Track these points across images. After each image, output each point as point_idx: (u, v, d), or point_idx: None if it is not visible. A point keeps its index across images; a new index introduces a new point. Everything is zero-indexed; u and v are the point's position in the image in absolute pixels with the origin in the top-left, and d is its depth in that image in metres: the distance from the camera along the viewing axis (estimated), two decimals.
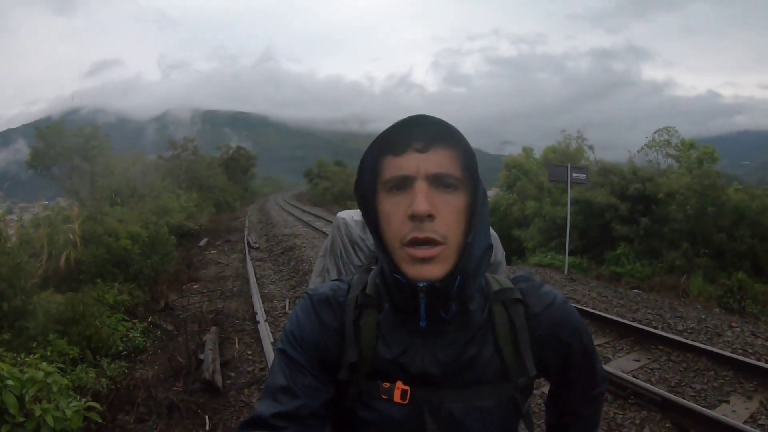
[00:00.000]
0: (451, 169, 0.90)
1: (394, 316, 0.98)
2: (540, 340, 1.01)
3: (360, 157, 0.94)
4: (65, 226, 8.78)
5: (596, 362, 1.14)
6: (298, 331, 1.00)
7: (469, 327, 0.97)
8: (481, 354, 0.97)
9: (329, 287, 1.06)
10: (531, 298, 1.03)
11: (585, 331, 1.07)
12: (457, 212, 0.91)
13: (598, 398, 1.20)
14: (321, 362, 0.98)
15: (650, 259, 12.39)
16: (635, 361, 5.88)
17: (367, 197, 0.99)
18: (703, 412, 4.29)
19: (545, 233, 17.37)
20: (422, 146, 0.90)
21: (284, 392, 0.94)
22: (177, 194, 20.43)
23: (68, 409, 3.38)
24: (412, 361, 0.96)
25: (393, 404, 0.95)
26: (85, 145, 18.62)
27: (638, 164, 16.46)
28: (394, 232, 0.91)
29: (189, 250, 15.72)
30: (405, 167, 0.90)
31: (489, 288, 1.03)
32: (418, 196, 0.87)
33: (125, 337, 6.61)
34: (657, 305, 8.62)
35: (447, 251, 0.89)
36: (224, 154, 47.86)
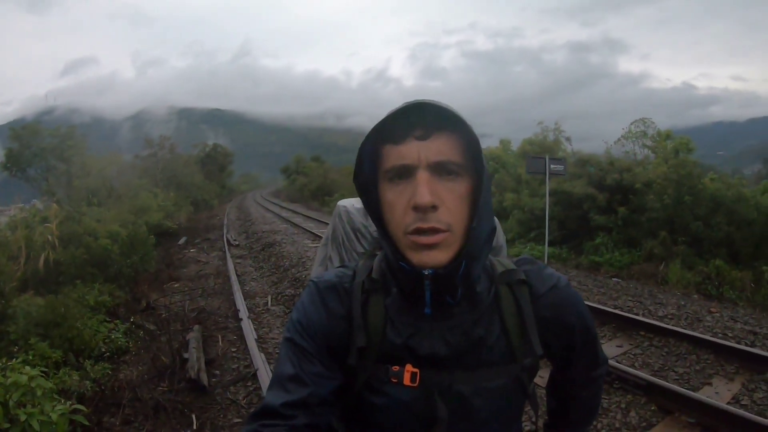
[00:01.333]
0: (453, 155, 0.89)
1: (402, 300, 0.99)
2: (544, 321, 1.02)
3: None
4: (43, 227, 8.63)
5: (597, 344, 1.16)
6: (305, 318, 1.00)
7: (476, 308, 0.98)
8: (488, 335, 0.98)
9: (334, 274, 1.07)
10: (535, 280, 1.04)
11: (587, 313, 1.09)
12: (461, 199, 0.90)
13: (599, 380, 1.22)
14: (329, 349, 0.99)
15: (629, 248, 12.56)
16: (618, 347, 5.97)
17: (367, 186, 0.98)
18: (687, 394, 4.38)
19: (524, 225, 17.48)
20: (422, 133, 0.89)
21: (293, 381, 0.94)
22: (154, 193, 20.24)
23: (54, 413, 3.33)
24: (420, 344, 0.96)
25: (403, 387, 0.95)
26: (60, 145, 18.38)
27: (615, 155, 16.68)
28: (398, 221, 0.90)
29: (168, 249, 15.59)
30: (406, 156, 0.89)
31: (494, 270, 1.04)
32: (421, 186, 0.86)
33: (108, 339, 6.52)
34: (637, 293, 8.78)
35: (451, 237, 0.89)
36: (201, 152, 47.41)
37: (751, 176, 31.99)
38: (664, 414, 4.34)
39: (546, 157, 12.86)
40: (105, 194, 16.79)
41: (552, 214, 13.92)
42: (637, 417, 4.32)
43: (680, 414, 4.28)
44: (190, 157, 39.75)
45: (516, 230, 18.07)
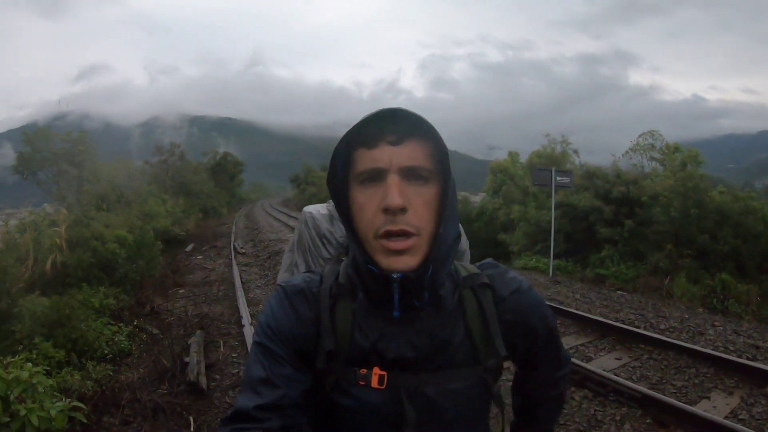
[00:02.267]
0: (423, 161, 0.92)
1: (369, 304, 1.01)
2: (508, 323, 1.05)
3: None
4: (51, 230, 8.75)
5: (560, 345, 1.19)
6: (273, 322, 1.01)
7: (440, 312, 1.01)
8: (453, 337, 1.00)
9: (302, 279, 1.08)
10: (498, 284, 1.07)
11: (550, 315, 1.12)
12: (429, 204, 0.93)
13: (563, 379, 1.25)
14: (298, 352, 1.00)
15: (634, 261, 12.50)
16: (617, 359, 5.95)
17: (339, 189, 1.00)
18: (682, 408, 4.37)
19: (530, 237, 17.45)
20: (395, 139, 0.91)
21: (264, 384, 0.95)
22: (163, 199, 20.32)
23: (53, 409, 3.39)
24: (388, 347, 0.98)
25: (371, 390, 0.97)
26: (72, 150, 18.52)
27: (623, 168, 16.61)
28: (368, 223, 0.93)
29: (175, 255, 15.68)
30: (378, 160, 0.91)
31: (458, 274, 1.07)
32: (392, 189, 0.89)
33: (111, 341, 6.61)
34: (640, 306, 8.72)
35: (420, 242, 0.92)
36: (211, 160, 47.58)
37: (762, 189, 31.63)
38: (659, 427, 4.32)
39: (552, 169, 12.84)
40: (114, 199, 16.89)
41: (558, 227, 13.88)
42: (631, 430, 4.31)
43: (675, 428, 4.26)
44: (200, 164, 39.91)
45: (522, 242, 18.02)
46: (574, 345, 6.47)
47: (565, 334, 6.95)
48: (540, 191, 17.81)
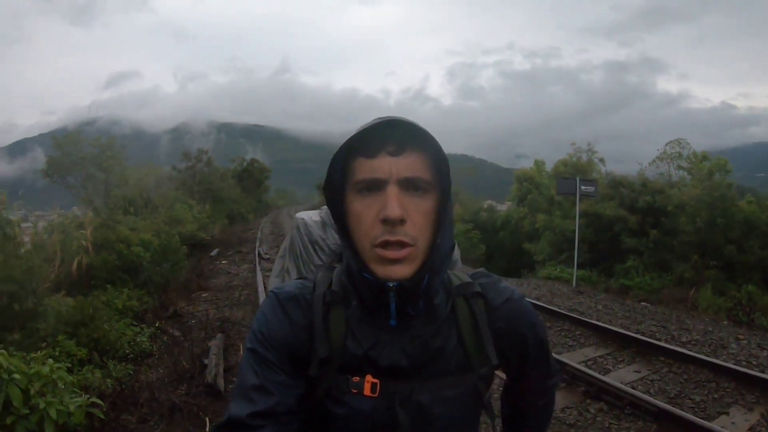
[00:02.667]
0: (422, 172, 0.92)
1: (362, 312, 1.01)
2: (499, 332, 1.05)
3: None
4: (78, 233, 8.97)
5: (550, 354, 1.19)
6: (266, 329, 1.01)
7: (434, 320, 1.01)
8: (446, 345, 1.00)
9: (295, 285, 1.08)
10: (490, 293, 1.07)
11: (540, 324, 1.13)
12: (427, 215, 0.93)
13: (552, 389, 1.25)
14: (291, 359, 1.00)
15: (659, 271, 12.27)
16: (635, 372, 5.86)
17: (335, 196, 1.00)
18: (699, 423, 4.27)
19: (555, 246, 17.29)
20: (395, 149, 0.91)
21: (258, 391, 0.95)
22: (190, 205, 20.57)
23: (71, 404, 3.48)
24: (381, 355, 0.98)
25: (363, 398, 0.97)
26: (100, 155, 18.87)
27: (649, 177, 16.34)
28: (365, 232, 0.92)
29: (200, 259, 15.82)
30: (378, 170, 0.91)
31: (451, 283, 1.07)
32: (391, 200, 0.89)
33: (132, 341, 6.72)
34: (663, 318, 8.57)
35: (416, 252, 0.92)
36: (238, 166, 48.04)
37: None
38: None
39: (577, 178, 12.71)
40: (141, 204, 17.16)
41: (583, 236, 13.71)
42: None
43: None
44: (227, 170, 40.32)
45: (547, 251, 17.86)
46: (592, 356, 6.37)
47: (585, 345, 6.87)
48: (565, 200, 17.62)
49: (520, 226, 23.59)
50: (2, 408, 3.15)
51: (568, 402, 5.11)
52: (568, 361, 5.79)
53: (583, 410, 4.91)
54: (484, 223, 26.57)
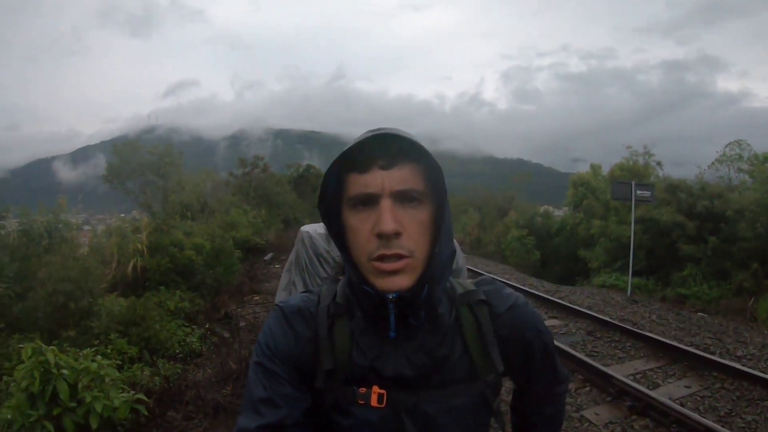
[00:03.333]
0: (415, 184, 0.92)
1: (366, 323, 1.01)
2: (504, 339, 1.05)
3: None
4: (134, 236, 9.39)
5: (557, 361, 1.18)
6: (272, 342, 1.02)
7: (438, 329, 1.01)
8: (451, 354, 1.01)
9: (300, 299, 1.09)
10: (495, 300, 1.08)
11: (546, 331, 1.12)
12: (423, 225, 0.93)
13: (561, 397, 1.24)
14: (298, 372, 1.01)
15: (718, 280, 11.66)
16: (686, 387, 5.60)
17: (330, 212, 1.01)
18: None
19: (610, 253, 16.74)
20: (386, 163, 0.91)
21: (266, 404, 0.96)
22: (245, 210, 21.05)
23: (117, 399, 3.66)
24: (386, 366, 0.98)
25: (370, 408, 0.97)
26: (158, 161, 19.59)
27: (709, 180, 15.58)
28: (361, 247, 0.93)
29: (254, 263, 16.06)
30: (370, 185, 0.91)
31: (454, 291, 1.08)
32: (384, 214, 0.89)
33: (183, 341, 6.97)
34: (720, 330, 8.13)
35: (414, 263, 0.92)
36: (294, 172, 48.86)
37: None
38: None
39: (632, 182, 12.27)
40: (198, 209, 17.68)
41: (639, 243, 13.23)
42: None
43: None
44: (283, 176, 41.06)
45: (602, 258, 17.33)
46: (642, 369, 6.13)
47: (635, 357, 6.63)
48: (621, 205, 17.04)
49: (576, 232, 22.98)
50: (50, 400, 3.35)
51: (612, 417, 4.94)
52: (615, 374, 5.59)
53: (627, 426, 4.73)
54: (539, 228, 26.01)
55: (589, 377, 5.85)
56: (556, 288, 12.91)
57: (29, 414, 3.28)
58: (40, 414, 3.28)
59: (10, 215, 7.30)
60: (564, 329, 8.20)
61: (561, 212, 31.16)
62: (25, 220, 7.00)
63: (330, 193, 1.00)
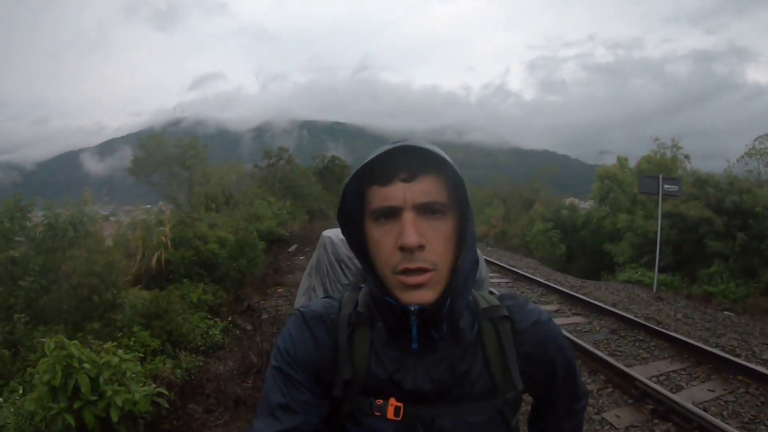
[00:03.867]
0: (438, 196, 0.91)
1: (387, 334, 1.00)
2: (526, 356, 1.04)
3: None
4: (158, 229, 9.54)
5: (578, 378, 1.17)
6: (292, 348, 1.01)
7: (459, 344, 1.00)
8: (471, 370, 0.99)
9: (321, 305, 1.08)
10: (517, 315, 1.06)
11: (568, 347, 1.11)
12: (446, 237, 0.92)
13: (579, 413, 1.21)
14: (316, 378, 1.00)
15: (745, 278, 11.36)
16: (710, 391, 5.46)
17: (351, 224, 1.01)
18: None
19: (637, 248, 16.45)
20: (408, 176, 0.90)
21: (283, 410, 0.95)
22: (269, 202, 21.19)
23: (138, 393, 3.73)
24: (405, 379, 0.97)
25: (386, 421, 0.96)
26: (183, 154, 19.82)
27: (737, 174, 15.17)
28: (385, 260, 0.92)
29: (278, 255, 16.21)
30: (392, 198, 0.90)
31: (477, 305, 1.06)
32: (407, 227, 0.88)
33: (205, 334, 7.05)
34: (746, 330, 7.94)
35: (437, 276, 0.91)
36: (319, 164, 48.97)
37: None
38: None
39: (659, 176, 12.03)
40: (223, 201, 17.86)
41: (666, 238, 12.97)
42: None
43: None
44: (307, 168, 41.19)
45: (628, 253, 17.09)
46: (665, 371, 6.00)
47: (659, 358, 6.50)
48: (648, 199, 16.74)
49: (601, 225, 22.67)
50: (72, 394, 3.43)
51: (634, 420, 4.85)
52: (638, 376, 5.48)
53: (648, 431, 4.65)
54: (564, 221, 25.70)
55: (611, 378, 5.77)
56: (580, 283, 12.75)
57: (51, 407, 3.37)
58: (62, 407, 3.36)
59: (36, 209, 7.49)
60: (588, 327, 8.10)
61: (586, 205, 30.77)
62: (50, 213, 7.16)
63: (350, 205, 1.00)
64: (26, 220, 7.22)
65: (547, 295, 10.65)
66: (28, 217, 7.24)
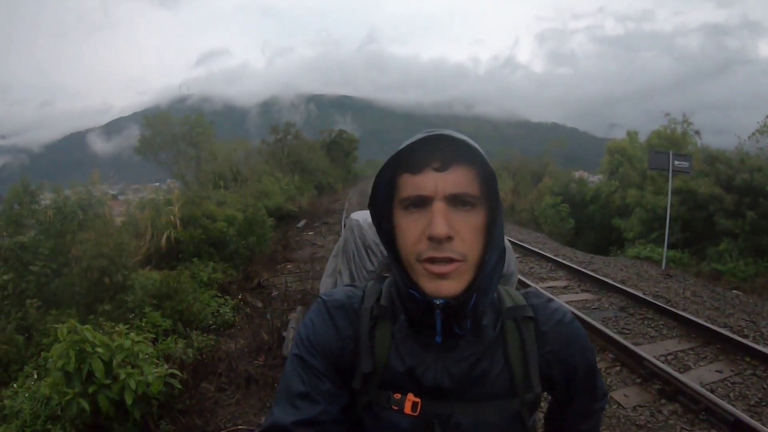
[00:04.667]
0: (469, 188, 0.90)
1: (408, 328, 0.99)
2: (547, 356, 1.03)
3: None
4: (167, 209, 9.57)
5: (598, 378, 1.15)
6: (314, 336, 1.01)
7: (481, 342, 0.99)
8: (491, 369, 0.98)
9: (344, 293, 1.07)
10: (541, 315, 1.05)
11: (590, 348, 1.10)
12: (476, 230, 0.91)
13: (598, 413, 1.20)
14: (337, 368, 1.00)
15: (755, 257, 11.30)
16: (717, 372, 5.45)
17: (381, 212, 1.00)
18: None
19: (646, 224, 16.40)
20: (440, 165, 0.89)
21: (303, 398, 0.95)
22: (278, 177, 21.12)
23: (151, 374, 3.79)
24: (424, 375, 0.97)
25: (403, 415, 0.96)
26: (190, 132, 19.72)
27: (749, 151, 14.97)
28: (411, 248, 0.91)
29: (286, 231, 16.19)
30: (423, 187, 0.89)
31: (501, 303, 1.05)
32: (437, 217, 0.87)
33: (216, 312, 7.12)
34: (754, 310, 7.89)
35: (465, 267, 0.90)
36: (327, 138, 48.72)
37: None
38: None
39: (670, 152, 11.89)
40: (231, 177, 17.84)
41: (675, 215, 12.90)
42: None
43: None
44: (315, 142, 40.97)
45: (637, 229, 17.05)
46: (673, 351, 6.00)
47: (667, 337, 6.49)
48: (658, 175, 16.59)
49: (611, 200, 22.55)
50: (86, 378, 3.49)
51: (641, 400, 4.86)
52: (646, 355, 5.48)
53: (655, 411, 4.65)
54: (573, 195, 25.53)
55: (619, 356, 5.78)
56: (589, 259, 12.68)
57: (66, 392, 3.43)
58: (76, 392, 3.42)
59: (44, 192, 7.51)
60: (597, 304, 8.07)
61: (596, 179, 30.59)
62: (58, 196, 7.18)
63: (381, 193, 0.98)
64: (35, 203, 7.27)
65: (556, 271, 10.61)
66: (37, 201, 7.29)
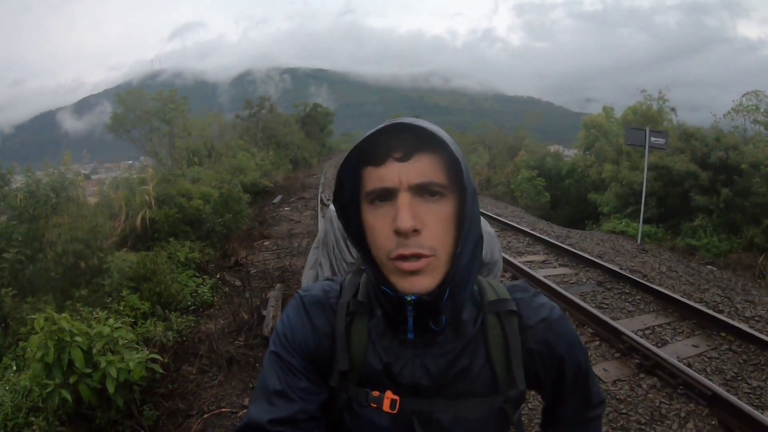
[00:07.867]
0: (435, 176, 0.85)
1: (385, 324, 0.96)
2: (532, 353, 0.99)
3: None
4: (141, 188, 9.36)
5: (591, 382, 1.10)
6: (290, 333, 0.99)
7: (461, 337, 0.95)
8: (472, 365, 0.95)
9: (321, 288, 1.05)
10: (526, 310, 1.00)
11: (579, 346, 1.05)
12: (445, 221, 0.87)
13: (595, 421, 1.14)
14: (314, 365, 0.98)
15: (728, 233, 11.60)
16: (693, 347, 5.56)
17: (347, 208, 0.97)
18: (751, 414, 3.95)
19: (621, 199, 16.68)
20: (402, 155, 0.85)
21: (280, 396, 0.94)
22: (252, 153, 20.90)
23: (131, 361, 3.71)
24: (402, 372, 0.95)
25: (382, 413, 0.94)
26: (163, 108, 19.31)
27: (724, 129, 15.28)
28: (380, 245, 0.88)
29: (262, 207, 16.09)
30: (386, 178, 0.85)
31: (483, 297, 1.00)
32: (402, 210, 0.83)
33: (194, 293, 7.02)
34: (729, 286, 8.09)
35: (436, 262, 0.86)
36: (301, 112, 48.31)
37: None
38: (725, 430, 4.03)
39: (646, 129, 12.02)
40: (205, 154, 17.59)
41: (651, 190, 13.12)
42: (695, 430, 4.04)
43: None
44: (290, 116, 40.50)
45: (613, 204, 17.34)
46: (651, 325, 6.12)
47: (644, 311, 6.61)
48: (634, 150, 16.85)
49: (587, 174, 22.83)
50: (66, 368, 3.40)
51: (621, 374, 4.95)
52: (625, 330, 5.56)
53: (635, 385, 4.74)
54: (549, 169, 25.75)
55: (598, 331, 5.86)
56: (566, 233, 12.81)
57: (46, 383, 3.35)
58: (57, 383, 3.34)
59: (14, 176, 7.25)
60: (575, 278, 8.17)
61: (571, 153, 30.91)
62: (30, 179, 6.95)
63: (347, 188, 0.95)
64: (6, 186, 7.01)
65: (534, 245, 10.68)
66: (8, 184, 7.01)
